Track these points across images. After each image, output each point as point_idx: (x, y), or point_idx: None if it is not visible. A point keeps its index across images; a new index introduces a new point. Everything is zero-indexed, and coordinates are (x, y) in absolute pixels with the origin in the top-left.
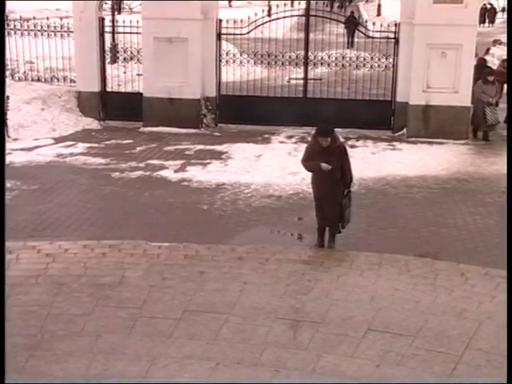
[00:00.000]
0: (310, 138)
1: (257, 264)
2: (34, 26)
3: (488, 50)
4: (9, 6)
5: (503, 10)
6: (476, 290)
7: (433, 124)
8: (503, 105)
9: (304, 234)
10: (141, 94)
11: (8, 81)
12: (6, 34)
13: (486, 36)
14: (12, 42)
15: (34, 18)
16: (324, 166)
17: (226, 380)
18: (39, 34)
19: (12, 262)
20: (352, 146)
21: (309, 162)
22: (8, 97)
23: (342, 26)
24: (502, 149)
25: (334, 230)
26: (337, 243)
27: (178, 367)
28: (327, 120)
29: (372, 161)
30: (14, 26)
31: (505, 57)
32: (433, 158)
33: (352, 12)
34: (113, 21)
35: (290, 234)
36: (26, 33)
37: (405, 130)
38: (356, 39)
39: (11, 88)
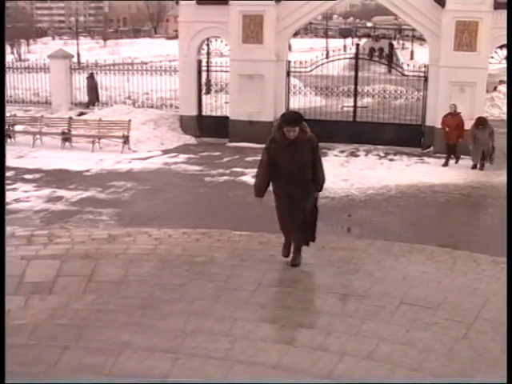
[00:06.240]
0: (273, 130)
1: (315, 250)
2: (150, 67)
3: (495, 87)
4: (134, 53)
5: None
6: (485, 273)
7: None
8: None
9: (352, 227)
10: (227, 117)
11: (131, 107)
12: (132, 73)
13: (494, 76)
14: (134, 80)
15: (151, 62)
16: (259, 200)
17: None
18: (154, 72)
19: (130, 243)
20: (391, 160)
21: (264, 174)
22: (130, 120)
23: (383, 66)
24: None
25: (301, 242)
26: (380, 235)
27: (252, 327)
28: (372, 139)
29: (406, 171)
30: (137, 67)
31: (478, 115)
32: (454, 169)
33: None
34: (207, 62)
35: (341, 228)
36: (144, 72)
37: (432, 148)
38: (394, 77)
39: (133, 113)
